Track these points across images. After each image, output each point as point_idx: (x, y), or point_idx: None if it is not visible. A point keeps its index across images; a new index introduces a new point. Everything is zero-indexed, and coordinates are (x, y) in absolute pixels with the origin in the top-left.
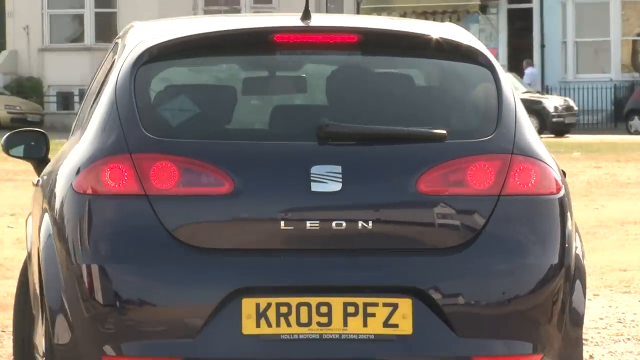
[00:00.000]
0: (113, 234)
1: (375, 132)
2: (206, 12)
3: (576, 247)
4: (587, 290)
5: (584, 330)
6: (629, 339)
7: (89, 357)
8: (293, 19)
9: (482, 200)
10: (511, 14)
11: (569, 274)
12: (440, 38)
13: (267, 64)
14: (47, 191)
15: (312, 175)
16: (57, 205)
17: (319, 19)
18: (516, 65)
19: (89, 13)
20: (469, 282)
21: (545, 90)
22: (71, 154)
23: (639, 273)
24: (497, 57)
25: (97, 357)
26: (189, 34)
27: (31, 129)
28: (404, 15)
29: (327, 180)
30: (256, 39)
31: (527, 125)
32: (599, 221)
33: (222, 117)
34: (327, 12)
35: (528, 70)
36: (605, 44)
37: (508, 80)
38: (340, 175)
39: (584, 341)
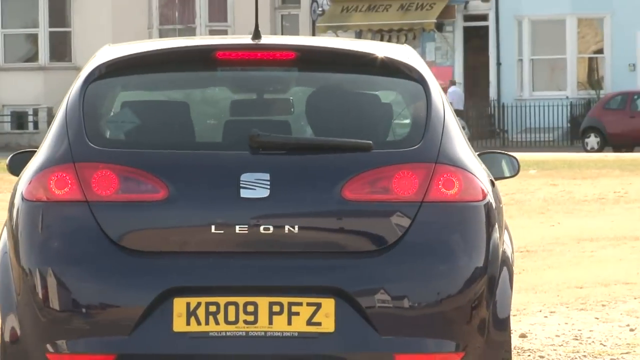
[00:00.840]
0: (56, 238)
1: (303, 142)
2: (161, 31)
3: (504, 253)
4: (544, 308)
5: (539, 347)
6: (585, 356)
7: (34, 354)
8: (243, 40)
9: (405, 207)
10: (467, 32)
11: (492, 277)
12: (375, 55)
13: (209, 79)
14: (9, 202)
15: (241, 182)
16: (13, 213)
17: (267, 39)
18: (473, 83)
19: (43, 32)
20: (389, 284)
21: (501, 108)
22: (29, 166)
23: (595, 290)
24: (452, 75)
25: (42, 354)
26: (134, 52)
27: (33, 149)
28: (359, 33)
29: (255, 187)
30: (199, 56)
31: (456, 137)
32: (555, 238)
33: (162, 128)
34: (282, 30)
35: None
36: (561, 62)
37: (441, 94)
38: (269, 183)
39: (539, 358)
